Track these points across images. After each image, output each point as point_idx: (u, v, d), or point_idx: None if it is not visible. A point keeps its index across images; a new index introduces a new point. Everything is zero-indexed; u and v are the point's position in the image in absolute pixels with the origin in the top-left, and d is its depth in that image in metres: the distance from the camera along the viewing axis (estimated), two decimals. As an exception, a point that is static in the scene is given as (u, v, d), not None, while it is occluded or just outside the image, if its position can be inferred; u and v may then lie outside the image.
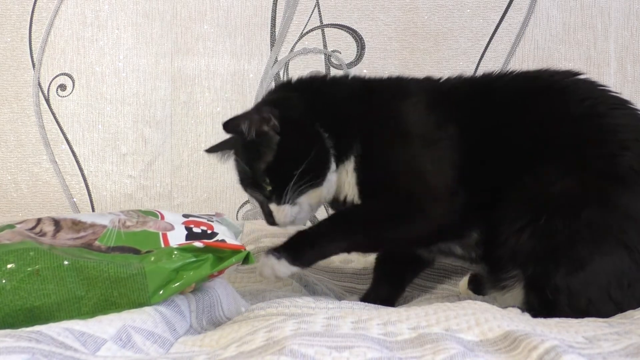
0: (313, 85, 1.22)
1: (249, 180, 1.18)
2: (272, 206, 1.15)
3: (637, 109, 1.12)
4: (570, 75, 1.15)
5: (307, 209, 1.17)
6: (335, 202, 1.20)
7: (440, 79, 1.23)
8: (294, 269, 1.08)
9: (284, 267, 1.07)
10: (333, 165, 1.15)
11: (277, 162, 1.13)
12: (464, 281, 1.31)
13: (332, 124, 1.15)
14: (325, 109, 1.16)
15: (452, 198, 1.09)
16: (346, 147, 1.15)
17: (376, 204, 1.13)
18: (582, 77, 1.15)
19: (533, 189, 1.04)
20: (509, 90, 1.15)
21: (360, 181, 1.14)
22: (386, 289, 1.28)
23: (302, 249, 1.09)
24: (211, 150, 1.27)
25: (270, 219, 1.17)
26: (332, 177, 1.16)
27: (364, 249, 1.24)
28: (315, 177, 1.13)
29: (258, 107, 1.18)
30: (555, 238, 1.00)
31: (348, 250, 1.19)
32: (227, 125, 1.13)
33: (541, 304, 1.00)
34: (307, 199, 1.15)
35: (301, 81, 1.24)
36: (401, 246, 1.20)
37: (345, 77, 1.27)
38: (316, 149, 1.13)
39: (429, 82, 1.22)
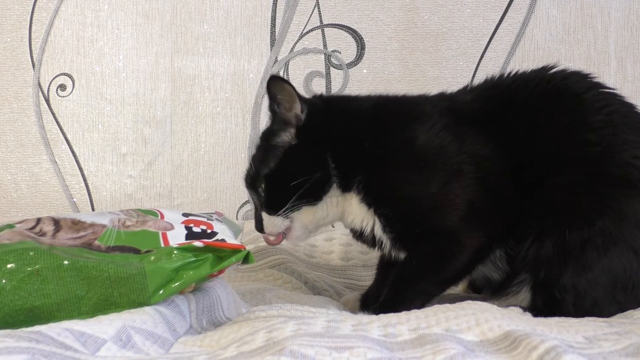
0: (330, 107, 1.18)
1: (249, 180, 1.17)
2: (264, 215, 1.14)
3: None
4: (582, 77, 1.14)
5: (299, 227, 1.15)
6: (356, 233, 1.18)
7: (451, 93, 1.20)
8: None
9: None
10: (335, 191, 1.13)
11: (279, 171, 1.12)
12: (463, 282, 1.31)
13: (340, 153, 1.12)
14: (335, 137, 1.13)
15: (482, 220, 1.07)
16: (354, 177, 1.12)
17: (419, 256, 1.09)
18: (592, 78, 1.14)
19: (554, 202, 1.04)
20: (525, 99, 1.12)
21: (382, 214, 1.10)
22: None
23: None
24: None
25: (259, 226, 1.15)
26: (331, 202, 1.14)
27: (437, 294, 1.16)
28: (311, 197, 1.11)
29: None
30: (570, 245, 1.01)
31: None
32: (272, 80, 1.11)
33: (546, 304, 1.01)
34: (301, 216, 1.13)
35: (327, 99, 1.21)
36: (459, 279, 1.16)
37: (360, 100, 1.22)
38: (321, 170, 1.11)
39: (442, 100, 1.19)
